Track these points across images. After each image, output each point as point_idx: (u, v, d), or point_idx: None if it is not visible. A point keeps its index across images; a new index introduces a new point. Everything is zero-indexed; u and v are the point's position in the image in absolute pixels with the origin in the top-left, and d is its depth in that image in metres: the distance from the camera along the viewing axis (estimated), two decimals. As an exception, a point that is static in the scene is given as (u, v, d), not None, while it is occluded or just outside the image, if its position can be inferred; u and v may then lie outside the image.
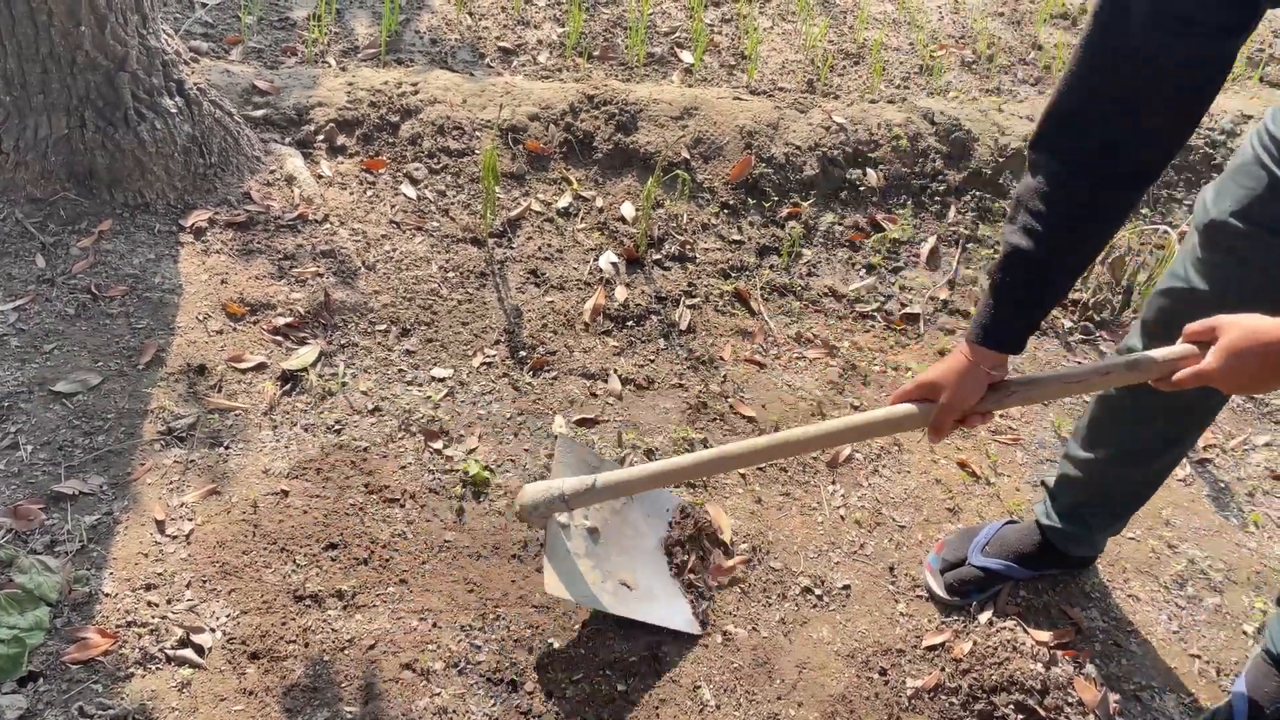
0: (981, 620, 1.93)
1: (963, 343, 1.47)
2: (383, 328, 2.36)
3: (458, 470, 2.07)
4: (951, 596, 1.98)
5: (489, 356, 2.35)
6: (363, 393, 2.20)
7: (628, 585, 1.83)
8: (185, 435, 2.02)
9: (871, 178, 2.96)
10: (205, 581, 1.78)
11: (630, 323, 2.51)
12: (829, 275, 2.77)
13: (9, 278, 2.25)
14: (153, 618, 1.71)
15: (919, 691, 1.81)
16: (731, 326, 2.56)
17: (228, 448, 2.02)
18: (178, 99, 2.49)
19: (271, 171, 2.65)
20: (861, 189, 2.95)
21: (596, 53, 3.33)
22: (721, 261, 2.71)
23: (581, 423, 2.23)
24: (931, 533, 2.12)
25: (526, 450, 2.14)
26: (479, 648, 1.76)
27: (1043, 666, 1.84)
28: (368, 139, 2.81)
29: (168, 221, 2.47)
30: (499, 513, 2.00)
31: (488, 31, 3.35)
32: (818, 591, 1.97)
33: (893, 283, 2.78)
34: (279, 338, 2.28)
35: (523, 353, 2.38)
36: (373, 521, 1.94)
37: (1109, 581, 2.06)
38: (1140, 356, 1.40)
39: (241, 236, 2.48)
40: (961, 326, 2.69)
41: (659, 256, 2.70)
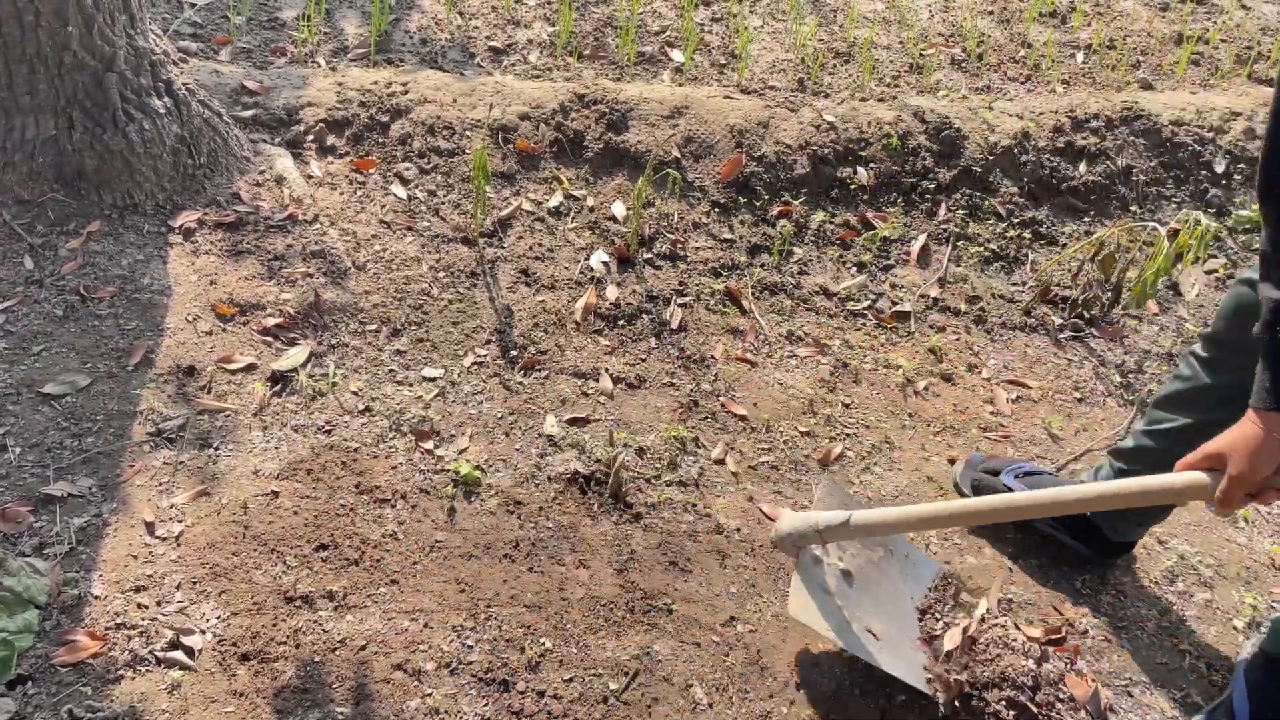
0: (974, 616, 1.94)
1: (1250, 413, 1.41)
2: (373, 328, 2.35)
3: (449, 470, 2.06)
4: (969, 492, 2.14)
5: (480, 356, 2.35)
6: (353, 393, 2.19)
7: (874, 634, 1.80)
8: (175, 436, 2.01)
9: (862, 176, 2.96)
10: (195, 583, 1.77)
11: (622, 322, 2.51)
12: (820, 273, 2.77)
13: (-3, 279, 2.24)
14: (142, 620, 1.70)
15: (910, 687, 1.81)
16: (723, 325, 2.56)
17: (217, 449, 2.01)
18: (166, 99, 2.48)
19: (261, 172, 2.65)
20: (852, 187, 2.95)
21: (587, 52, 3.32)
22: (713, 260, 2.71)
23: (573, 422, 2.22)
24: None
25: (518, 450, 2.14)
26: (471, 648, 1.76)
27: (1034, 663, 1.84)
28: (358, 139, 2.81)
29: (156, 222, 2.46)
30: (490, 513, 2.00)
31: (478, 31, 3.34)
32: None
33: (883, 281, 2.78)
34: (269, 338, 2.27)
35: (514, 352, 2.37)
36: (364, 522, 1.93)
37: (1100, 577, 2.07)
38: None
39: (231, 237, 2.47)
40: (952, 324, 2.70)
41: (650, 255, 2.70)
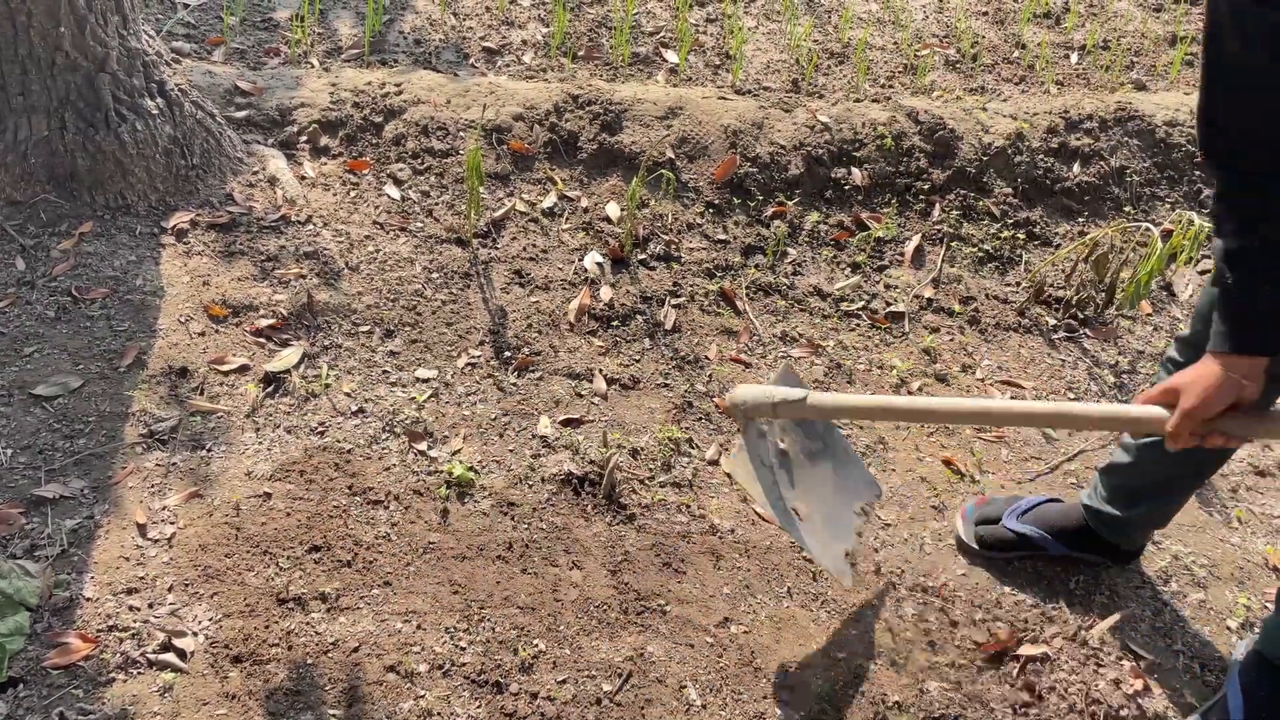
0: (964, 619, 1.94)
1: (1208, 354, 1.40)
2: (366, 329, 2.35)
3: (442, 472, 2.06)
4: (976, 546, 2.05)
5: (473, 357, 2.34)
6: (346, 394, 2.19)
7: (797, 514, 1.85)
8: (167, 438, 2.01)
9: (856, 177, 2.96)
10: (187, 585, 1.77)
11: (615, 323, 2.51)
12: (814, 274, 2.77)
13: (-12, 280, 2.24)
14: (134, 622, 1.69)
15: (903, 689, 1.81)
16: (717, 326, 2.56)
17: (210, 450, 2.01)
18: (159, 100, 2.47)
19: (254, 172, 2.64)
20: (846, 188, 2.95)
21: (581, 53, 3.32)
22: (706, 261, 2.71)
23: (567, 423, 2.22)
24: (917, 530, 2.12)
25: (511, 451, 2.14)
26: (464, 649, 1.76)
27: (1022, 665, 1.85)
28: (351, 140, 2.80)
29: (149, 223, 2.45)
30: (483, 514, 2.00)
31: (472, 32, 3.34)
32: (803, 590, 1.97)
33: (877, 281, 2.78)
34: (262, 339, 2.27)
35: (507, 353, 2.37)
36: (356, 524, 1.93)
37: (1093, 578, 2.07)
38: None
39: (224, 238, 2.46)
40: (946, 325, 2.70)
41: (644, 256, 2.69)
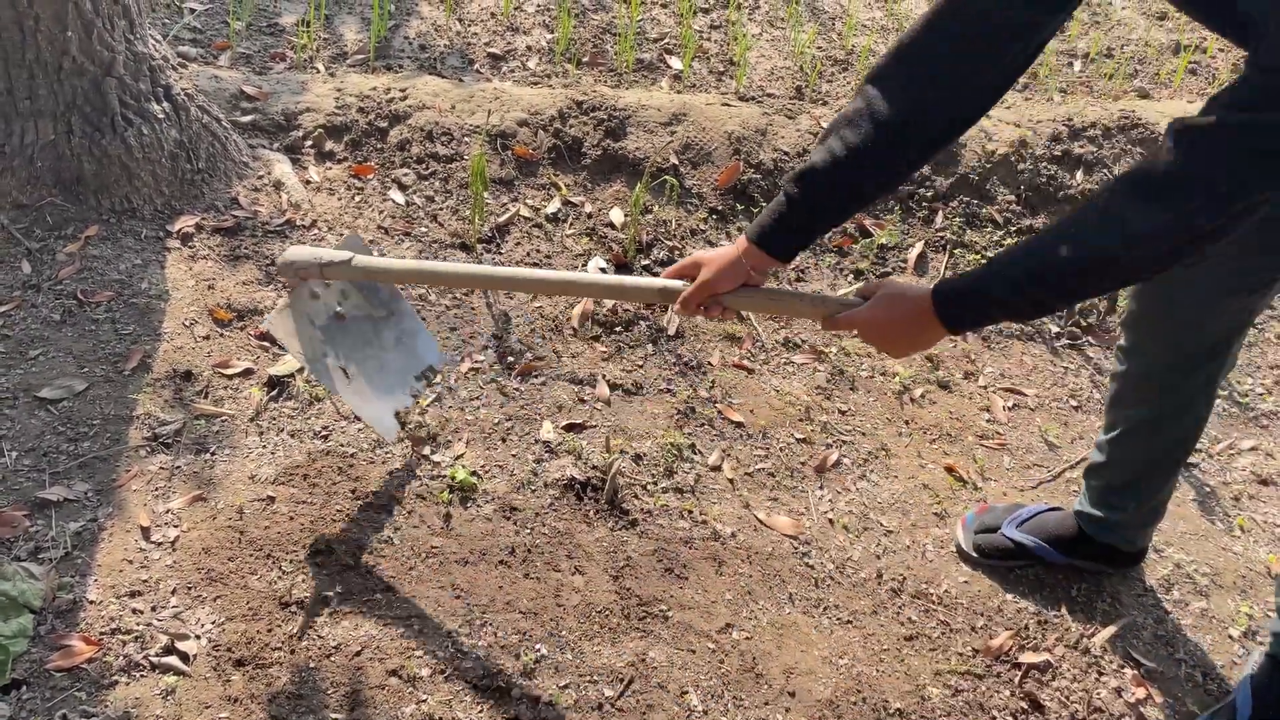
0: (965, 626, 1.94)
1: (742, 238, 1.58)
2: (370, 333, 2.35)
3: (445, 476, 2.06)
4: (976, 555, 2.06)
5: (477, 362, 2.35)
6: (350, 398, 2.20)
7: (346, 373, 1.88)
8: (171, 441, 2.01)
9: (860, 183, 2.97)
10: (190, 588, 1.77)
11: (619, 328, 2.51)
12: (817, 280, 2.78)
13: (-6, 283, 2.25)
14: (137, 625, 1.70)
15: (904, 695, 1.81)
16: (720, 332, 2.57)
17: (214, 454, 2.01)
18: (165, 104, 2.48)
19: (259, 177, 2.65)
20: (850, 195, 2.96)
21: (586, 59, 3.33)
22: (710, 267, 2.71)
23: (570, 428, 2.23)
24: (919, 537, 2.12)
25: (514, 456, 2.14)
26: (466, 654, 1.76)
27: (1024, 673, 1.85)
28: (356, 145, 2.81)
29: (154, 227, 2.46)
30: (486, 519, 2.00)
31: (477, 37, 3.35)
32: (805, 596, 1.97)
33: (881, 288, 2.78)
34: (266, 343, 2.27)
35: (511, 358, 2.37)
36: (359, 528, 1.93)
37: (1095, 586, 2.07)
38: (828, 295, 1.72)
39: (229, 242, 2.47)
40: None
41: (648, 262, 2.70)
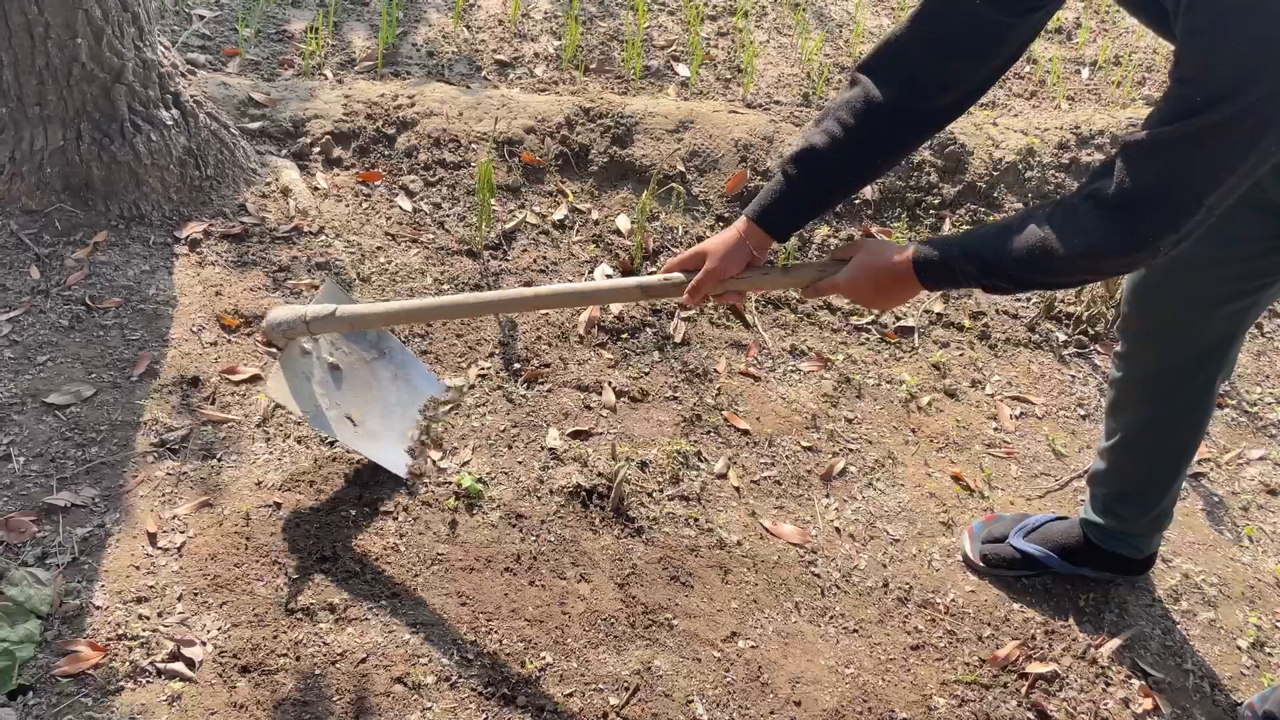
0: (972, 636, 1.93)
1: (741, 219, 1.62)
2: (377, 340, 2.36)
3: (451, 483, 2.06)
4: (982, 565, 2.06)
5: (483, 369, 2.35)
6: (357, 405, 2.20)
7: (352, 420, 1.91)
8: (178, 447, 2.02)
9: (866, 191, 2.97)
10: (197, 594, 1.78)
11: (625, 335, 2.51)
12: (824, 288, 2.77)
13: (3, 289, 2.25)
14: (144, 631, 1.70)
15: (910, 705, 1.81)
16: (726, 339, 2.57)
17: (220, 460, 2.02)
18: (174, 111, 2.49)
19: (267, 183, 2.66)
20: (856, 201, 2.96)
21: (593, 66, 3.34)
22: (716, 274, 2.71)
23: (575, 435, 2.23)
24: (925, 546, 2.12)
25: (520, 463, 2.14)
26: (471, 661, 1.76)
27: (1031, 683, 1.84)
28: (364, 151, 2.82)
29: (163, 233, 2.47)
30: (492, 526, 2.00)
31: (484, 45, 3.36)
32: (811, 605, 1.97)
33: (887, 296, 2.78)
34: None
35: (517, 365, 2.38)
36: (365, 534, 1.93)
37: (1103, 595, 2.06)
38: (808, 263, 1.71)
39: (236, 248, 2.48)
40: (956, 340, 2.70)
41: (654, 269, 2.70)
